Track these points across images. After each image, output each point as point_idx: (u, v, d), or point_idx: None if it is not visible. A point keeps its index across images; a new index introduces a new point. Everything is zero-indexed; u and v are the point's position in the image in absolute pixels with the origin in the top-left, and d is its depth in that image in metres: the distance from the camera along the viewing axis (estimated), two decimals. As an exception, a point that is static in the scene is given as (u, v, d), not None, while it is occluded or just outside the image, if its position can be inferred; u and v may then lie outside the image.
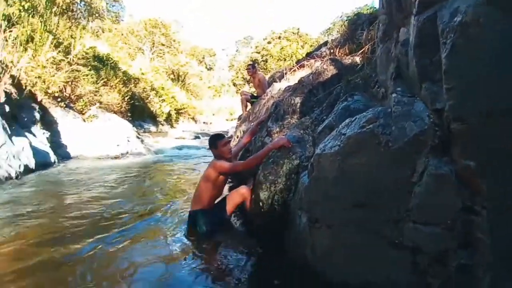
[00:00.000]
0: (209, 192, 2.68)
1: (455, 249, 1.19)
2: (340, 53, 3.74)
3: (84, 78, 8.88)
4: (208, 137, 2.91)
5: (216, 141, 2.77)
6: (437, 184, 1.27)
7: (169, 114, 16.44)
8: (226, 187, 3.17)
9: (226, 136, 2.98)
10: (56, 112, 7.53)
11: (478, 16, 1.02)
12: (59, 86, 7.60)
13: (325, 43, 5.13)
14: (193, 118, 20.70)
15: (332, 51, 3.94)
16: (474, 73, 1.06)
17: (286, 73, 4.33)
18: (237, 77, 26.23)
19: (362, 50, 3.22)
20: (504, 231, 1.05)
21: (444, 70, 1.14)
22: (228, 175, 2.84)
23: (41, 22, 7.50)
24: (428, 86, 1.34)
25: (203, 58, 33.01)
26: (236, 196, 2.67)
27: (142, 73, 16.39)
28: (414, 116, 1.43)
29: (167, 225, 2.90)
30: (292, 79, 3.84)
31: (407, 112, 1.47)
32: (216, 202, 2.77)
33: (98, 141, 8.07)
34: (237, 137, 4.59)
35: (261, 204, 2.33)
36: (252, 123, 3.70)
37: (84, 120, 8.32)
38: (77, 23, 10.86)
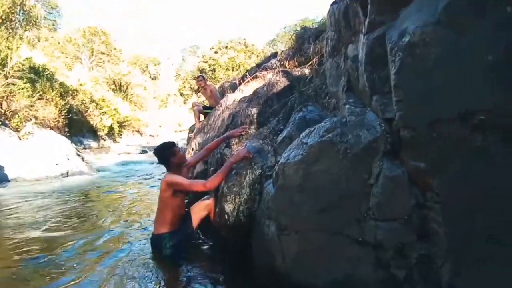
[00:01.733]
0: (169, 214, 2.50)
1: (414, 242, 1.34)
2: (289, 65, 3.95)
3: (19, 92, 8.04)
4: (155, 151, 2.69)
5: (173, 147, 2.63)
6: (391, 184, 1.43)
7: (111, 128, 15.42)
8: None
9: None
10: (-9, 130, 6.73)
11: (425, 36, 1.19)
12: None
13: (274, 55, 5.36)
14: (138, 131, 19.70)
15: (282, 63, 4.14)
16: (420, 87, 1.23)
17: (239, 84, 4.42)
18: (184, 87, 25.76)
19: (310, 63, 3.44)
20: (456, 222, 1.22)
21: (394, 85, 1.31)
22: (186, 193, 2.69)
23: (-23, 34, 6.66)
24: (378, 98, 1.51)
25: (147, 67, 31.81)
26: (200, 209, 2.59)
27: (81, 84, 15.22)
28: (367, 125, 1.59)
29: (121, 252, 2.67)
30: (246, 90, 3.93)
31: (361, 122, 1.63)
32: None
33: (36, 161, 7.39)
34: (192, 149, 4.52)
35: (226, 216, 2.33)
36: (211, 135, 3.69)
37: (20, 138, 7.53)
38: (14, 33, 9.78)
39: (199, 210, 2.60)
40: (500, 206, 1.15)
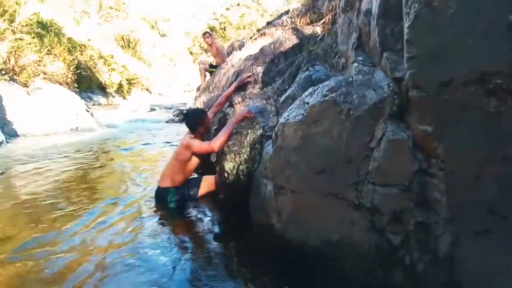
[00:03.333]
0: (183, 172, 2.61)
1: (412, 209, 1.30)
2: (301, 23, 3.71)
3: (27, 47, 7.94)
4: (186, 115, 2.77)
5: (204, 116, 2.67)
6: (394, 148, 1.36)
7: (120, 85, 15.34)
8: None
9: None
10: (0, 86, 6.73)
11: None
12: (3, 58, 6.71)
13: (286, 12, 5.04)
14: (147, 89, 19.59)
15: (293, 20, 3.89)
16: (435, 44, 1.11)
17: (246, 42, 4.22)
18: (194, 45, 25.03)
19: (323, 21, 3.21)
20: (459, 191, 1.16)
21: (406, 40, 1.19)
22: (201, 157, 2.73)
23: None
24: (388, 55, 1.39)
25: (156, 23, 30.78)
26: (211, 183, 2.65)
27: (89, 39, 14.91)
28: (374, 85, 1.49)
29: (129, 204, 2.77)
30: (252, 48, 3.75)
31: (368, 81, 1.53)
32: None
33: (45, 116, 7.46)
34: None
35: (226, 174, 2.33)
36: (216, 94, 3.60)
37: (29, 93, 7.55)
38: None
39: (210, 184, 2.66)
40: (508, 177, 1.09)
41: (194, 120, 2.66)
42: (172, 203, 2.59)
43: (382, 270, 1.43)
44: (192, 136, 2.64)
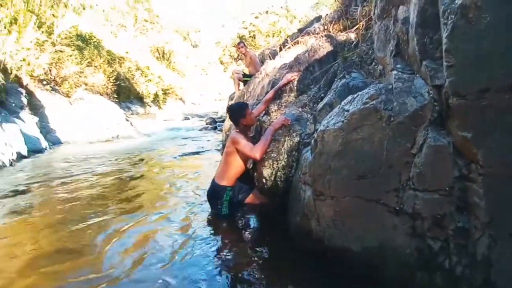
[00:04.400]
0: (231, 167, 2.67)
1: (452, 213, 1.31)
2: (334, 29, 3.75)
3: (68, 59, 8.62)
4: (229, 108, 2.89)
5: (245, 109, 2.72)
6: (435, 154, 1.38)
7: (156, 95, 16.14)
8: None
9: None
10: (42, 95, 7.38)
11: (477, 0, 1.10)
12: (44, 69, 7.37)
13: (318, 19, 5.10)
14: (181, 99, 20.39)
15: (326, 27, 3.94)
16: (473, 52, 1.15)
17: (280, 50, 4.33)
18: (224, 54, 25.69)
19: (356, 27, 3.24)
20: (498, 195, 1.17)
21: (445, 49, 1.22)
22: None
23: (24, 2, 7.17)
24: (428, 63, 1.42)
25: (188, 34, 32.04)
26: (263, 199, 2.71)
27: (126, 52, 15.86)
28: (414, 92, 1.52)
29: (177, 209, 2.93)
30: (286, 56, 3.84)
31: (408, 88, 1.56)
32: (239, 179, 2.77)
33: (87, 125, 7.98)
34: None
35: (264, 180, 2.43)
36: (251, 103, 3.72)
37: (71, 103, 8.17)
38: (58, 1, 10.36)
39: (260, 197, 2.72)
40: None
41: (237, 113, 2.73)
42: (225, 201, 2.66)
43: (422, 274, 1.44)
44: (237, 130, 2.72)
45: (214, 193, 2.73)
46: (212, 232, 2.46)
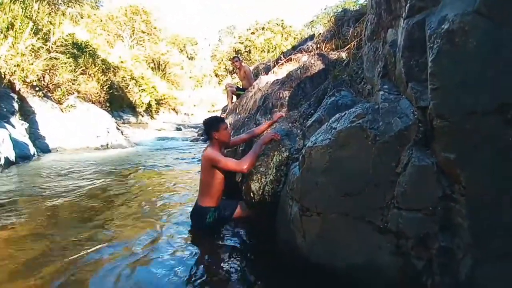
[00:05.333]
0: (210, 186, 2.59)
1: (436, 233, 1.33)
2: (326, 48, 3.85)
3: (62, 66, 8.59)
4: (204, 121, 2.75)
5: (220, 123, 2.65)
6: (419, 174, 1.40)
7: (149, 105, 16.10)
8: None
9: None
10: (34, 102, 7.30)
11: (464, 25, 1.14)
12: (37, 75, 7.32)
13: (311, 37, 5.23)
14: (174, 109, 20.38)
15: (318, 45, 4.04)
16: (457, 76, 1.19)
17: (274, 66, 4.40)
18: (220, 67, 25.98)
19: (348, 46, 3.33)
20: (481, 216, 1.19)
21: (430, 72, 1.26)
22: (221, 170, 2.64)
23: (22, 8, 7.19)
24: (413, 85, 1.46)
25: (184, 47, 32.36)
26: (249, 212, 2.65)
27: (122, 61, 15.90)
28: (400, 113, 1.56)
29: (159, 221, 2.88)
30: (279, 72, 3.91)
31: (394, 109, 1.59)
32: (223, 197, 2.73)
33: (77, 132, 7.90)
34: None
35: (252, 194, 2.42)
36: (243, 116, 3.75)
37: (62, 110, 8.09)
38: (56, 9, 10.42)
39: (246, 210, 2.66)
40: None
41: (210, 126, 2.64)
42: (209, 223, 2.60)
43: (407, 294, 1.43)
44: (211, 147, 2.63)
45: (197, 216, 2.67)
46: (195, 248, 2.39)
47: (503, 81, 1.10)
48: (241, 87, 6.17)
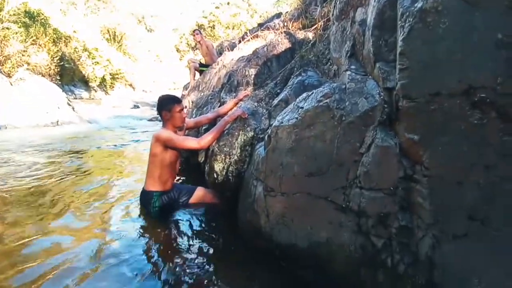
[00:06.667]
0: (159, 170, 2.40)
1: (396, 213, 1.37)
2: (293, 27, 3.78)
3: (13, 37, 7.74)
4: (158, 101, 2.51)
5: (174, 103, 2.43)
6: (382, 155, 1.42)
7: (103, 79, 15.01)
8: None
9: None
10: (-18, 75, 6.49)
11: (438, 4, 1.13)
12: None
13: (278, 15, 5.10)
14: (130, 85, 19.20)
15: (285, 24, 3.95)
16: (426, 57, 1.19)
17: (239, 43, 4.24)
18: (181, 42, 24.76)
19: (315, 26, 3.29)
20: (441, 197, 1.23)
21: (400, 52, 1.25)
22: (179, 150, 2.50)
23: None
24: (381, 65, 1.46)
25: (143, 18, 30.24)
26: (209, 197, 2.55)
27: (74, 31, 14.50)
28: (366, 93, 1.55)
29: (110, 203, 2.72)
30: (245, 49, 3.78)
31: (360, 89, 1.59)
32: (175, 182, 2.56)
33: (27, 108, 7.33)
34: (185, 107, 4.43)
35: (215, 175, 2.34)
36: (206, 94, 3.60)
37: (12, 84, 7.33)
38: None
39: (204, 195, 2.55)
40: (487, 185, 1.17)
41: (161, 104, 2.45)
42: (154, 209, 2.42)
43: (366, 270, 1.48)
44: (164, 127, 2.47)
45: (143, 201, 2.50)
46: (146, 234, 2.25)
47: (472, 63, 1.11)
48: (204, 63, 5.91)
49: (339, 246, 1.55)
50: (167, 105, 2.43)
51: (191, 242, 2.19)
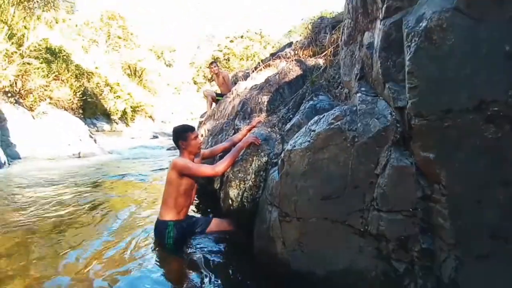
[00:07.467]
0: (174, 198, 2.38)
1: (417, 235, 1.31)
2: (304, 55, 3.88)
3: (35, 72, 8.25)
4: (173, 132, 2.55)
5: (187, 131, 2.47)
6: (398, 175, 1.39)
7: (124, 112, 15.67)
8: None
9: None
10: (5, 108, 6.96)
11: (442, 22, 1.15)
12: (10, 80, 6.96)
13: (289, 44, 5.27)
14: (150, 117, 19.94)
15: (296, 52, 4.07)
16: (435, 74, 1.18)
17: (252, 72, 4.38)
18: (198, 75, 25.79)
19: (325, 53, 3.36)
20: (462, 216, 1.18)
21: (408, 71, 1.26)
22: (195, 178, 2.47)
23: (-2, 12, 6.88)
24: (391, 85, 1.46)
25: (162, 53, 31.95)
26: (225, 225, 2.53)
27: (96, 67, 15.43)
28: (378, 114, 1.55)
29: (128, 235, 2.66)
30: (258, 78, 3.89)
31: (371, 110, 1.59)
32: (188, 213, 2.53)
33: (49, 141, 7.60)
34: (201, 135, 4.53)
35: (230, 201, 2.34)
36: (221, 122, 3.67)
37: (34, 117, 7.73)
38: (32, 13, 9.99)
39: (220, 225, 2.53)
40: (507, 201, 1.11)
41: (177, 134, 2.48)
42: (169, 239, 2.34)
43: (389, 298, 1.40)
44: (180, 156, 2.48)
45: (157, 232, 2.44)
46: (161, 268, 2.17)
47: (482, 78, 1.10)
48: (220, 92, 6.09)
49: (359, 273, 1.48)
50: (182, 134, 2.47)
51: (206, 273, 2.13)
